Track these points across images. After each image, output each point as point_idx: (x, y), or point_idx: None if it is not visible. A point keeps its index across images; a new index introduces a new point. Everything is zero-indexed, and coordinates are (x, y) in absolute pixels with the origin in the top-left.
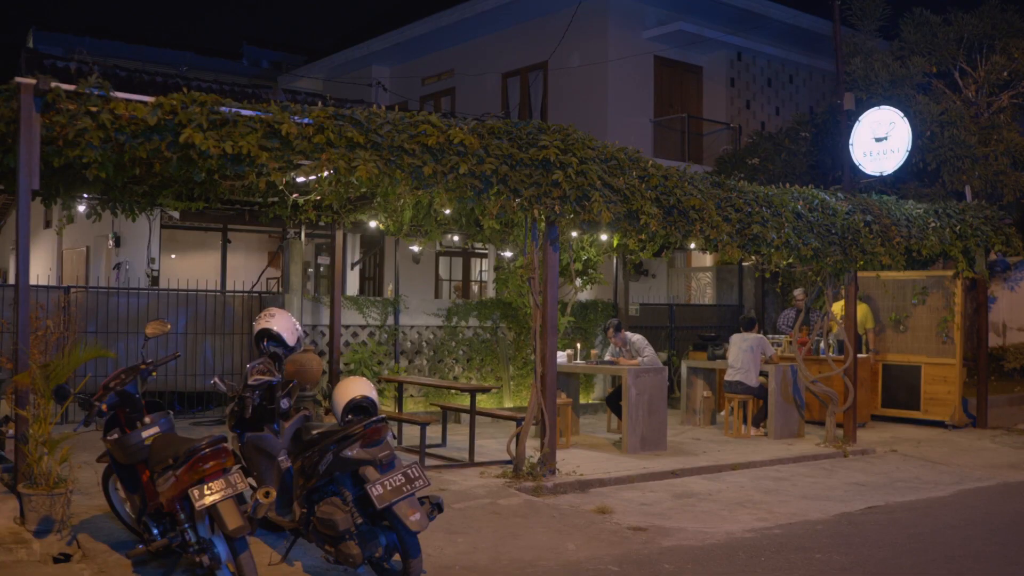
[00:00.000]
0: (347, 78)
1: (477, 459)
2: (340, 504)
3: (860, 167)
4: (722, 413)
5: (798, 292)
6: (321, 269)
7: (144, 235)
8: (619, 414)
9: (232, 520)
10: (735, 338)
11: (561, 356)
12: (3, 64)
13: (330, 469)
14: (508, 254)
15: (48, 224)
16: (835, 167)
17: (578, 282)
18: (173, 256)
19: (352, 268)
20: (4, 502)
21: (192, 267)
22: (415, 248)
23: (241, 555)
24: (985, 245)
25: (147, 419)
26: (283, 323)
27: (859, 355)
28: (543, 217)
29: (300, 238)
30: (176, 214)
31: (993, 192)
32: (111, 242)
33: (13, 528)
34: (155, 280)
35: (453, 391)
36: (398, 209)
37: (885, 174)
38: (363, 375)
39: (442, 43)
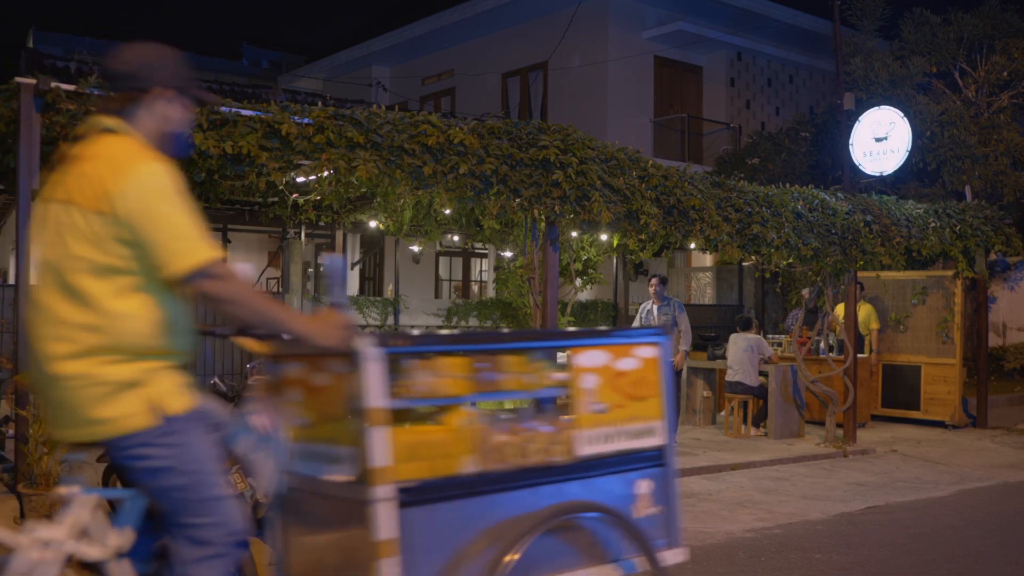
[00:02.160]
0: (347, 78)
1: None
2: None
3: (860, 167)
4: (722, 413)
5: (806, 291)
6: (321, 269)
7: None
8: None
9: None
10: (734, 338)
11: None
12: (3, 64)
13: None
14: (508, 254)
15: None
16: (835, 167)
17: (578, 282)
18: None
19: (352, 268)
20: (4, 502)
21: None
22: (415, 248)
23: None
24: (985, 245)
25: None
26: None
27: (862, 355)
28: (543, 217)
29: (300, 238)
30: None
31: (993, 192)
32: None
33: (13, 528)
34: None
35: None
36: (398, 209)
37: (885, 174)
38: None
39: (442, 43)
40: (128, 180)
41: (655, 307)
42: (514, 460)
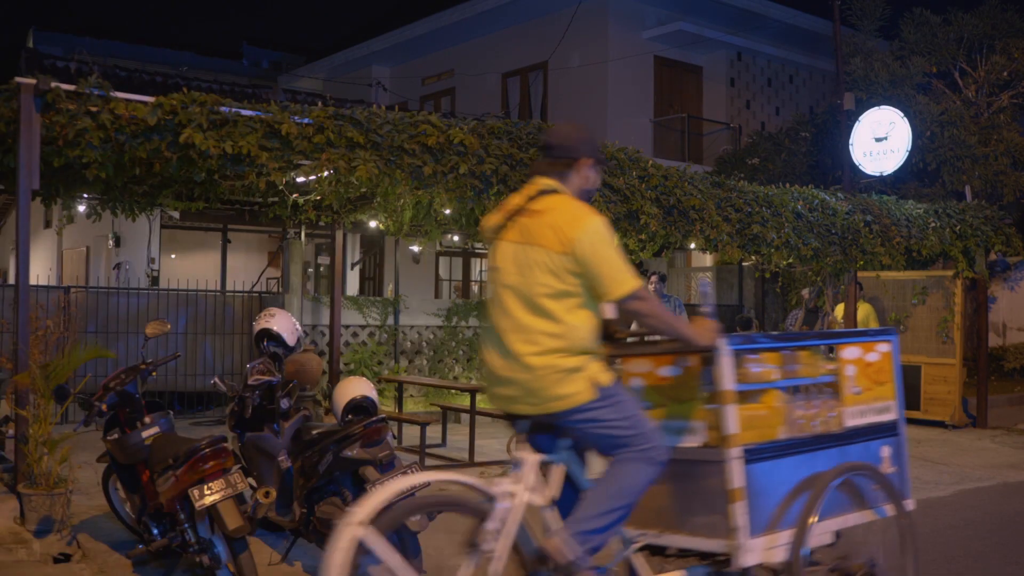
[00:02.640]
0: (347, 78)
1: (477, 459)
2: (340, 504)
3: (860, 167)
4: None
5: (806, 292)
6: (321, 269)
7: (144, 235)
8: None
9: (232, 520)
10: None
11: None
12: (3, 64)
13: (330, 469)
14: None
15: (48, 224)
16: (835, 167)
17: None
18: (173, 256)
19: (352, 268)
20: (4, 502)
21: (192, 267)
22: (415, 248)
23: (241, 555)
24: (985, 245)
25: (147, 419)
26: (283, 323)
27: None
28: None
29: (300, 238)
30: (176, 214)
31: (993, 192)
32: (111, 242)
33: (13, 528)
34: (155, 280)
35: (453, 391)
36: (398, 209)
37: (885, 174)
38: (363, 375)
39: (442, 43)
40: (583, 229)
41: None
42: (809, 430)
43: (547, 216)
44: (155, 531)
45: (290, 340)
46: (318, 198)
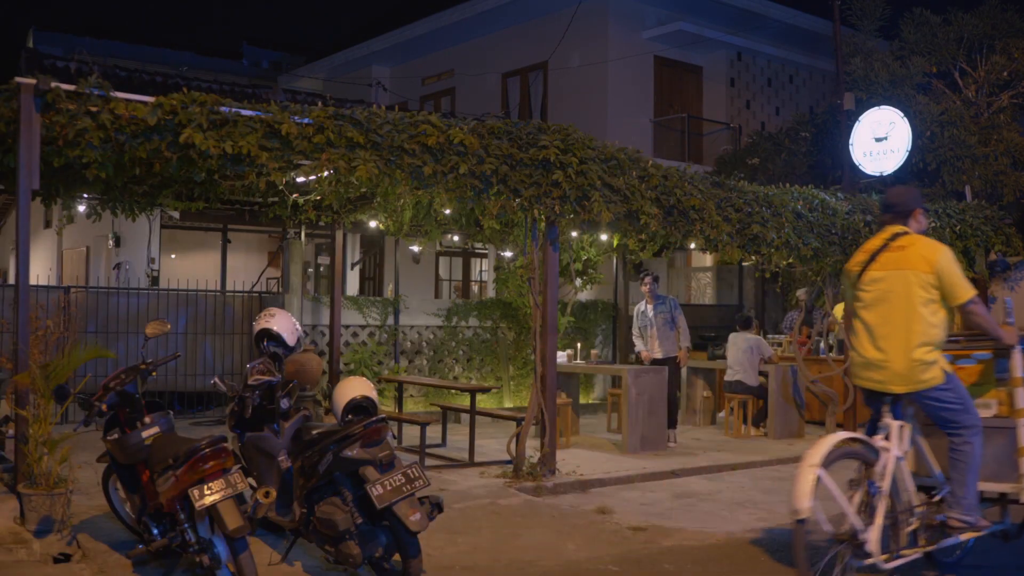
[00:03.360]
0: (347, 78)
1: (477, 459)
2: (340, 504)
3: (860, 167)
4: (722, 414)
5: (801, 293)
6: (321, 269)
7: (144, 235)
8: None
9: (232, 520)
10: (733, 338)
11: (561, 356)
12: (3, 64)
13: (330, 469)
14: (508, 254)
15: (48, 224)
16: (835, 167)
17: (578, 282)
18: (173, 256)
19: (352, 268)
20: (4, 502)
21: (192, 267)
22: (415, 248)
23: (241, 555)
24: (985, 245)
25: (147, 419)
26: (283, 323)
27: None
28: (543, 217)
29: (300, 238)
30: (176, 214)
31: (993, 192)
32: (111, 242)
33: (13, 528)
34: (155, 280)
35: (453, 391)
36: (398, 209)
37: (885, 174)
38: (363, 375)
39: (442, 43)
40: (941, 255)
41: (650, 307)
42: None
43: (912, 249)
44: (155, 531)
45: (290, 340)
46: (318, 198)
